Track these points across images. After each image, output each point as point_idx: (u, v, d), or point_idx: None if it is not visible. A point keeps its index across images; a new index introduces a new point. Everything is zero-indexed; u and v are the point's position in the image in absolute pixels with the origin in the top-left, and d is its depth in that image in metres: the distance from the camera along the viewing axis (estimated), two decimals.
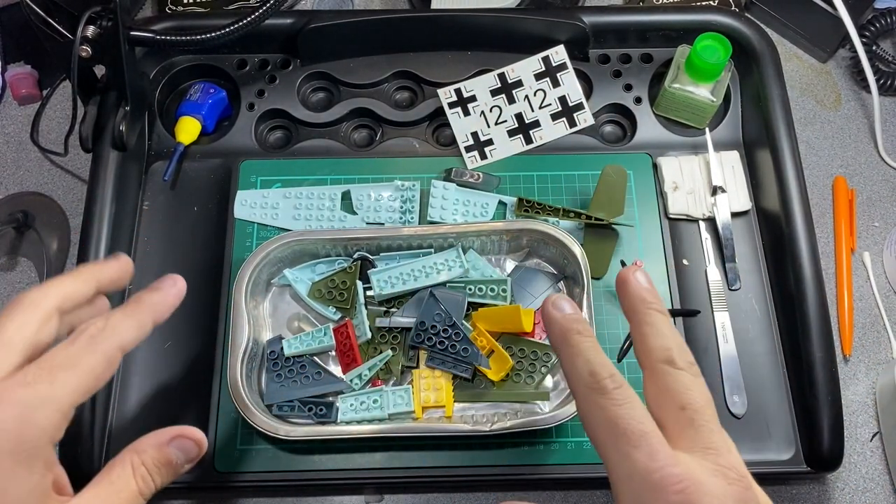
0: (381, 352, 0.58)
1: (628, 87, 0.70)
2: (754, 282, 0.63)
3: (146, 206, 0.66)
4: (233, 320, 0.56)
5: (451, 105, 0.68)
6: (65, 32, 0.58)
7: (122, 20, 0.58)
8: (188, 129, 0.66)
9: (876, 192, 0.71)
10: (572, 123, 0.68)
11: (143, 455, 0.33)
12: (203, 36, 0.62)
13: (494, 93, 0.68)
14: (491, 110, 0.68)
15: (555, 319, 0.35)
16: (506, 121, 0.68)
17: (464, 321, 0.59)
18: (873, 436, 0.61)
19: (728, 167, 0.66)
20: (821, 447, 0.56)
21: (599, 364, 0.32)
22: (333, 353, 0.59)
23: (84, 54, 0.58)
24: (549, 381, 0.58)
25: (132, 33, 0.60)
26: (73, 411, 0.31)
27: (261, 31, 0.64)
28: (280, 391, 0.57)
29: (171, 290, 0.37)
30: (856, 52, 0.72)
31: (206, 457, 0.56)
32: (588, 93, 0.70)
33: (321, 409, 0.56)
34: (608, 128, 0.71)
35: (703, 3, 0.76)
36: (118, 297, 0.61)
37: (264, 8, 0.61)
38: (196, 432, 0.35)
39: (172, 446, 0.34)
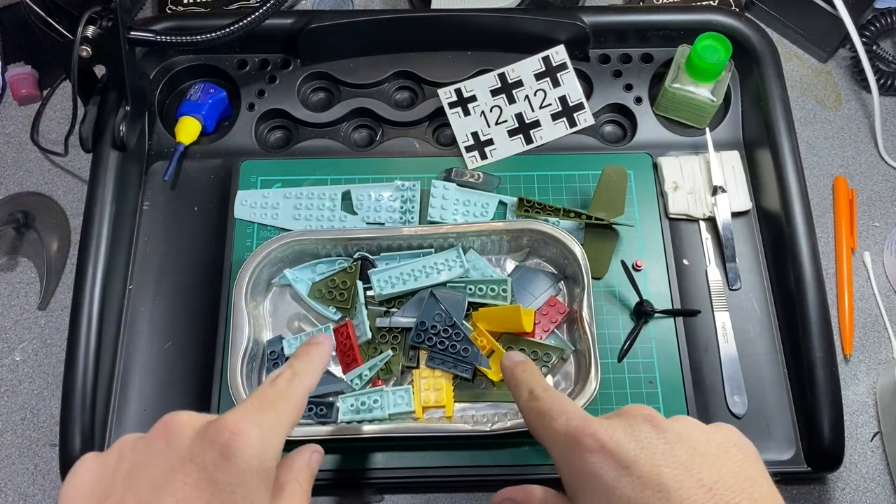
0: (381, 352, 0.58)
1: (628, 87, 0.70)
2: (755, 282, 0.63)
3: (146, 206, 0.65)
4: (233, 320, 0.56)
5: (452, 105, 0.68)
6: (65, 32, 0.58)
7: (122, 20, 0.58)
8: (188, 129, 0.66)
9: (876, 192, 0.71)
10: (572, 123, 0.68)
11: (300, 475, 0.39)
12: (203, 36, 0.62)
13: (494, 93, 0.68)
14: (491, 110, 0.68)
15: (506, 367, 0.42)
16: (506, 121, 0.68)
17: (464, 321, 0.59)
18: (874, 436, 0.61)
19: (728, 167, 0.66)
20: (821, 447, 0.56)
21: (536, 384, 0.39)
22: (334, 353, 0.59)
23: (84, 54, 0.58)
24: (549, 381, 0.58)
25: (132, 33, 0.60)
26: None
27: (261, 31, 0.64)
28: None
29: (326, 345, 0.43)
30: (856, 51, 0.72)
31: None
32: (588, 93, 0.70)
33: (321, 409, 0.56)
34: (608, 128, 0.71)
35: (704, 3, 0.76)
36: (119, 296, 0.61)
37: (264, 8, 0.61)
38: (320, 448, 0.42)
39: (312, 460, 0.40)
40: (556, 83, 0.68)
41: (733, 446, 0.32)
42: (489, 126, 0.68)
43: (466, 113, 0.68)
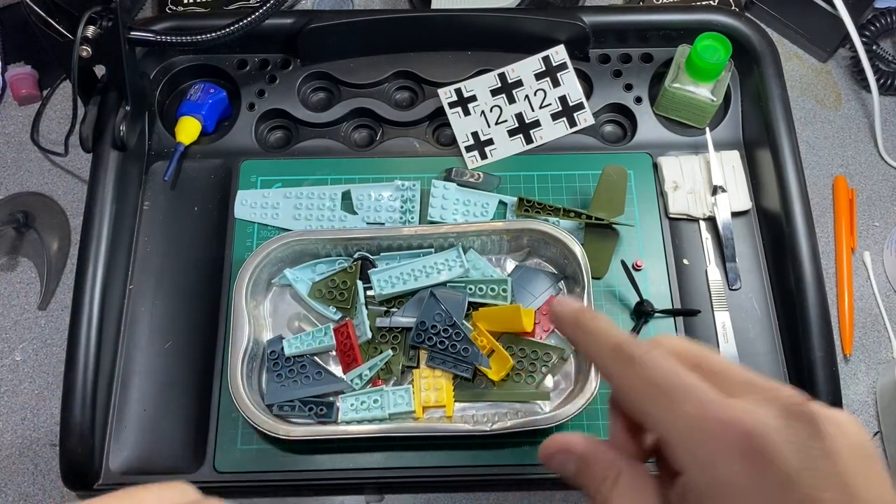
0: (381, 352, 0.58)
1: (628, 87, 0.70)
2: (755, 281, 0.63)
3: (146, 206, 0.65)
4: (233, 320, 0.56)
5: (452, 105, 0.68)
6: (65, 32, 0.58)
7: (122, 20, 0.58)
8: (188, 129, 0.66)
9: (876, 192, 0.72)
10: (572, 123, 0.68)
11: None
12: (203, 36, 0.62)
13: (495, 92, 0.68)
14: (491, 110, 0.68)
15: (563, 314, 0.33)
16: (506, 120, 0.68)
17: (464, 321, 0.59)
18: (874, 435, 0.61)
19: (728, 167, 0.66)
20: None
21: (620, 336, 0.30)
22: (334, 352, 0.59)
23: (84, 54, 0.58)
24: (549, 381, 0.58)
25: (132, 33, 0.60)
26: None
27: (261, 31, 0.64)
28: (280, 391, 0.57)
29: None
30: (856, 51, 0.72)
31: (207, 457, 0.56)
32: (588, 92, 0.70)
33: (321, 409, 0.56)
34: (608, 127, 0.71)
35: (704, 3, 0.76)
36: (119, 296, 0.61)
37: (264, 8, 0.61)
38: None
39: None
40: (556, 83, 0.68)
41: (871, 450, 0.27)
42: (489, 126, 0.68)
43: (466, 113, 0.68)
